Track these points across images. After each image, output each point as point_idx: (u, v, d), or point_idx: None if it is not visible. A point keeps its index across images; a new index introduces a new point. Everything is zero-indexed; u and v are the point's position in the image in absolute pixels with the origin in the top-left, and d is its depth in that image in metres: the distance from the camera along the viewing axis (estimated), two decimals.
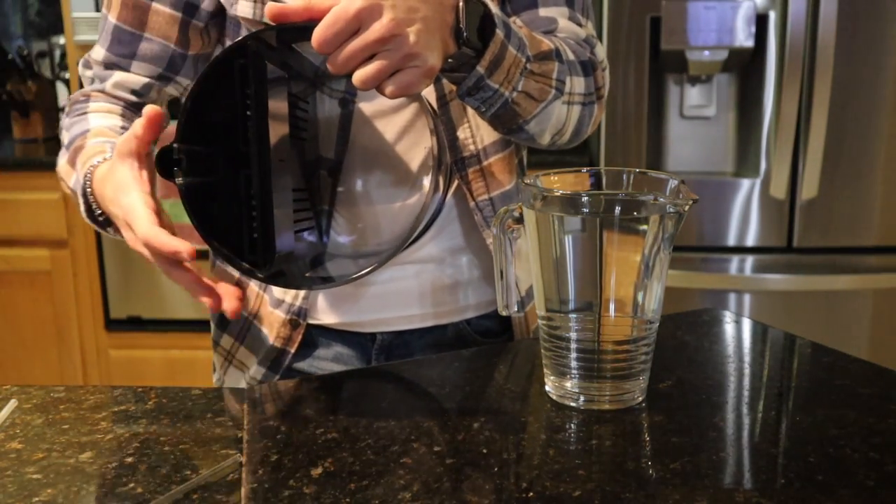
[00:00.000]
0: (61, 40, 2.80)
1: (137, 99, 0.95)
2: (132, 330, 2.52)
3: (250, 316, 1.00)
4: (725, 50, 1.95)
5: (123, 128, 0.92)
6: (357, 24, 0.65)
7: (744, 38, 1.94)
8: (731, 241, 2.05)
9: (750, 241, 2.05)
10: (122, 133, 0.90)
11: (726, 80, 2.08)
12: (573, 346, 0.67)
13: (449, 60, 0.73)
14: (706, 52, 1.96)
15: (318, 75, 0.87)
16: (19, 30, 2.97)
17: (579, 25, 0.93)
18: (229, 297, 0.72)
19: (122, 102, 0.95)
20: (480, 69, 0.75)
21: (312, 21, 0.66)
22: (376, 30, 0.65)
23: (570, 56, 0.87)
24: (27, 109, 2.68)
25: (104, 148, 0.86)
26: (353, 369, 0.94)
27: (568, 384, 0.69)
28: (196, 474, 0.66)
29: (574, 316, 0.67)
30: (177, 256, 0.69)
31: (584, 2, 0.95)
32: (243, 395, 0.75)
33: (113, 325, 2.53)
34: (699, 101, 2.09)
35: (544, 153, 2.24)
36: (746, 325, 0.88)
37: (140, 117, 0.73)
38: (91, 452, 0.70)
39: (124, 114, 0.94)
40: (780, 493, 0.56)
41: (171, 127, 0.71)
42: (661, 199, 0.66)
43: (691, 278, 2.04)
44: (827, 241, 2.04)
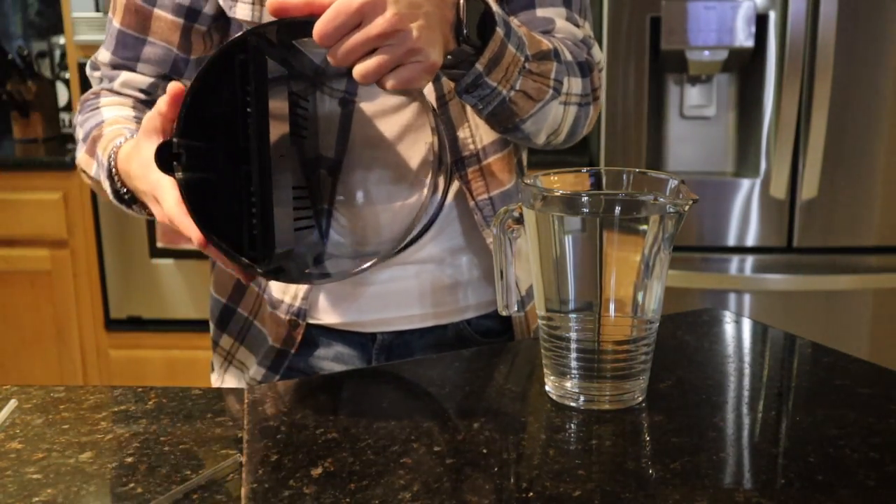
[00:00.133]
0: (61, 40, 2.80)
1: (146, 97, 0.96)
2: (132, 330, 2.52)
3: (250, 316, 1.00)
4: (725, 50, 1.95)
5: (136, 118, 0.92)
6: (359, 18, 0.65)
7: (744, 38, 1.94)
8: (731, 241, 2.05)
9: (750, 241, 2.05)
10: (136, 122, 0.91)
11: (726, 80, 2.08)
12: (573, 346, 0.67)
13: (448, 57, 0.73)
14: (706, 52, 1.96)
15: (318, 74, 0.87)
16: (19, 30, 2.97)
17: (577, 26, 0.93)
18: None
19: (131, 99, 0.96)
20: (479, 67, 0.75)
21: (313, 16, 0.66)
22: (379, 24, 0.65)
23: (568, 57, 0.87)
24: (27, 109, 2.68)
25: (123, 132, 0.87)
26: (353, 369, 0.94)
27: (568, 384, 0.69)
28: (196, 474, 0.66)
29: (574, 316, 0.67)
30: (192, 241, 0.70)
31: (581, 2, 0.95)
32: (243, 395, 0.75)
33: (113, 325, 2.53)
34: (699, 101, 2.09)
35: (544, 153, 2.24)
36: (746, 325, 0.88)
37: (160, 98, 0.73)
38: (91, 452, 0.70)
39: (135, 106, 0.95)
40: (780, 493, 0.56)
41: None
42: (661, 199, 0.66)
43: (691, 278, 2.04)
44: (827, 241, 2.04)
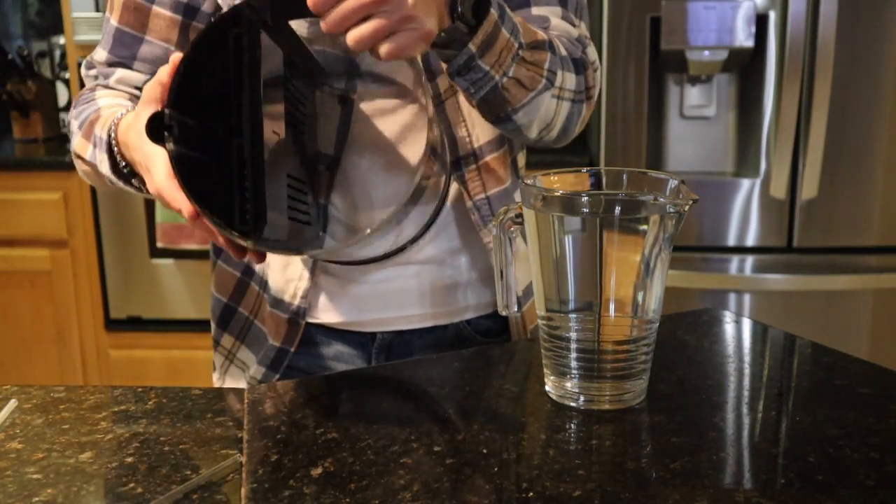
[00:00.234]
0: (61, 40, 2.80)
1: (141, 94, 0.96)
2: (132, 330, 2.52)
3: (251, 315, 1.00)
4: (725, 50, 1.95)
5: (134, 107, 0.91)
6: None
7: (744, 38, 1.94)
8: (731, 241, 2.05)
9: (750, 241, 2.05)
10: (135, 107, 0.90)
11: (726, 80, 2.08)
12: (573, 346, 0.67)
13: (441, 34, 0.73)
14: (706, 52, 1.96)
15: (315, 68, 0.86)
16: (19, 30, 2.97)
17: (572, 25, 0.93)
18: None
19: (126, 94, 0.95)
20: (472, 47, 0.75)
21: None
22: None
23: (563, 51, 0.87)
24: (27, 109, 2.68)
25: (122, 109, 0.85)
26: (353, 369, 0.94)
27: (568, 384, 0.69)
28: (196, 474, 0.66)
29: (574, 316, 0.67)
30: (182, 214, 0.69)
31: (578, 3, 0.95)
32: (243, 395, 0.75)
33: (113, 325, 2.53)
34: (699, 101, 2.09)
35: (544, 153, 2.24)
36: (746, 325, 0.88)
37: (161, 68, 0.71)
38: (91, 452, 0.70)
39: (131, 100, 0.95)
40: (780, 493, 0.56)
41: None
42: (661, 199, 0.66)
43: (691, 278, 2.04)
44: (827, 241, 2.04)
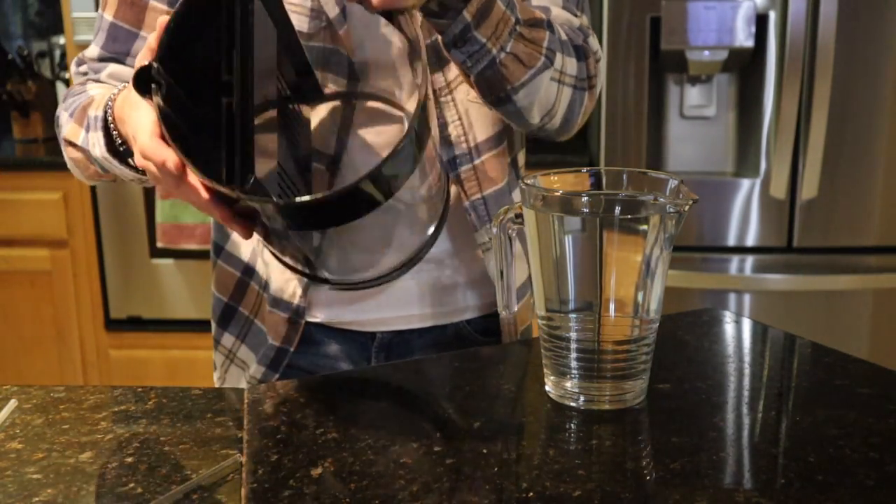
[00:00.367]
0: (61, 40, 2.80)
1: None
2: (132, 330, 2.52)
3: (251, 315, 1.00)
4: (725, 50, 1.95)
5: None
6: None
7: (744, 38, 1.94)
8: (731, 241, 2.05)
9: (750, 241, 2.05)
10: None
11: (726, 80, 2.08)
12: (573, 346, 0.67)
13: (435, 5, 0.73)
14: (706, 52, 1.96)
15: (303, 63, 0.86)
16: (19, 30, 2.97)
17: (574, 16, 0.93)
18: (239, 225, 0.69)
19: (118, 88, 0.95)
20: (467, 16, 0.75)
21: None
22: None
23: (563, 36, 0.86)
24: (27, 109, 2.68)
25: (117, 89, 0.83)
26: (353, 369, 0.94)
27: (568, 384, 0.69)
28: (196, 474, 0.66)
29: (574, 316, 0.67)
30: (166, 167, 0.66)
31: None
32: (243, 395, 0.75)
33: (113, 325, 2.53)
34: (699, 101, 2.09)
35: (543, 153, 2.24)
36: (746, 325, 0.88)
37: (150, 35, 0.70)
38: (91, 452, 0.70)
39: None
40: (780, 493, 0.56)
41: None
42: (661, 199, 0.66)
43: (691, 278, 2.04)
44: (827, 241, 2.04)
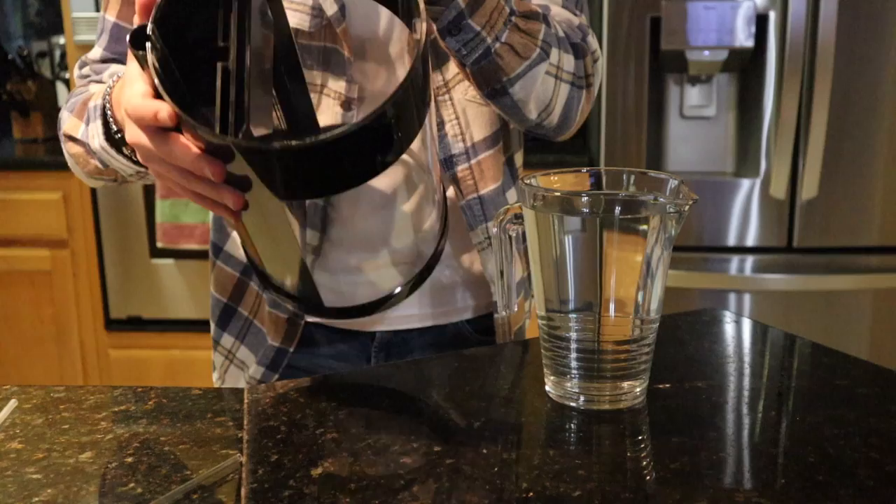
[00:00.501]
0: (61, 40, 2.80)
1: None
2: (132, 330, 2.52)
3: (250, 315, 1.00)
4: (725, 50, 1.95)
5: None
6: None
7: (744, 38, 1.94)
8: (731, 241, 2.05)
9: (750, 241, 2.05)
10: None
11: (726, 80, 2.08)
12: (573, 346, 0.67)
13: None
14: (706, 52, 1.96)
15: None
16: (19, 30, 2.97)
17: (573, 15, 0.93)
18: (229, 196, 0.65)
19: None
20: (460, 2, 0.75)
21: None
22: None
23: (560, 32, 0.86)
24: (27, 109, 2.68)
25: (117, 76, 0.81)
26: (353, 369, 0.94)
27: (568, 384, 0.69)
28: (196, 474, 0.66)
29: (574, 316, 0.67)
30: (158, 117, 0.63)
31: None
32: (243, 395, 0.75)
33: (113, 325, 2.53)
34: (699, 101, 2.09)
35: (544, 153, 2.24)
36: (746, 325, 0.88)
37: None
38: (91, 452, 0.70)
39: None
40: (780, 493, 0.56)
41: None
42: (662, 199, 0.66)
43: (691, 278, 2.04)
44: (827, 241, 2.04)
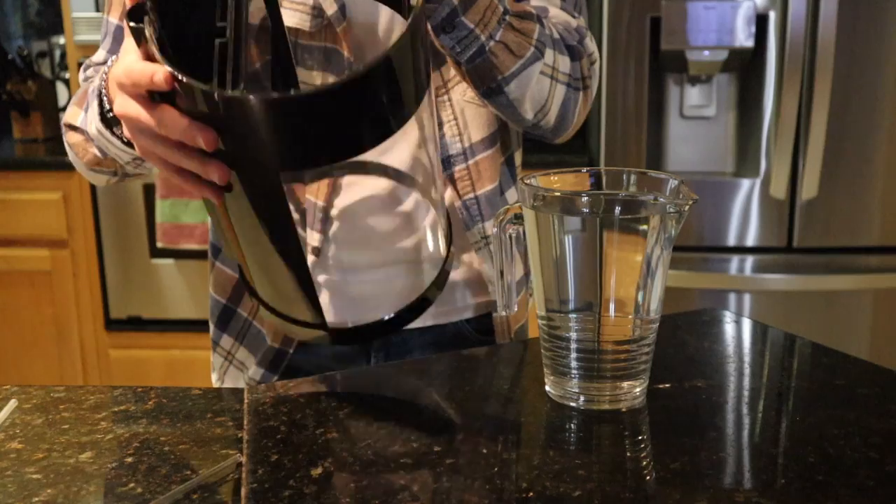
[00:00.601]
0: (61, 40, 2.80)
1: None
2: (132, 330, 2.52)
3: (249, 316, 1.00)
4: (725, 50, 1.95)
5: None
6: None
7: (744, 38, 1.94)
8: (731, 241, 2.05)
9: (750, 241, 2.05)
10: None
11: (726, 80, 2.08)
12: (573, 346, 0.67)
13: None
14: (706, 52, 1.96)
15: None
16: (19, 30, 2.97)
17: (572, 17, 0.93)
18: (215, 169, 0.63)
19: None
20: None
21: None
22: None
23: (556, 34, 0.86)
24: (27, 109, 2.68)
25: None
26: (353, 369, 0.94)
27: (568, 384, 0.69)
28: (196, 474, 0.66)
29: (574, 316, 0.67)
30: (154, 80, 0.62)
31: None
32: (243, 395, 0.75)
33: (113, 325, 2.53)
34: (699, 101, 2.09)
35: (544, 152, 2.24)
36: (746, 325, 0.88)
37: None
38: (91, 452, 0.70)
39: None
40: (780, 493, 0.56)
41: None
42: (662, 199, 0.66)
43: (691, 278, 2.04)
44: (827, 241, 2.04)
